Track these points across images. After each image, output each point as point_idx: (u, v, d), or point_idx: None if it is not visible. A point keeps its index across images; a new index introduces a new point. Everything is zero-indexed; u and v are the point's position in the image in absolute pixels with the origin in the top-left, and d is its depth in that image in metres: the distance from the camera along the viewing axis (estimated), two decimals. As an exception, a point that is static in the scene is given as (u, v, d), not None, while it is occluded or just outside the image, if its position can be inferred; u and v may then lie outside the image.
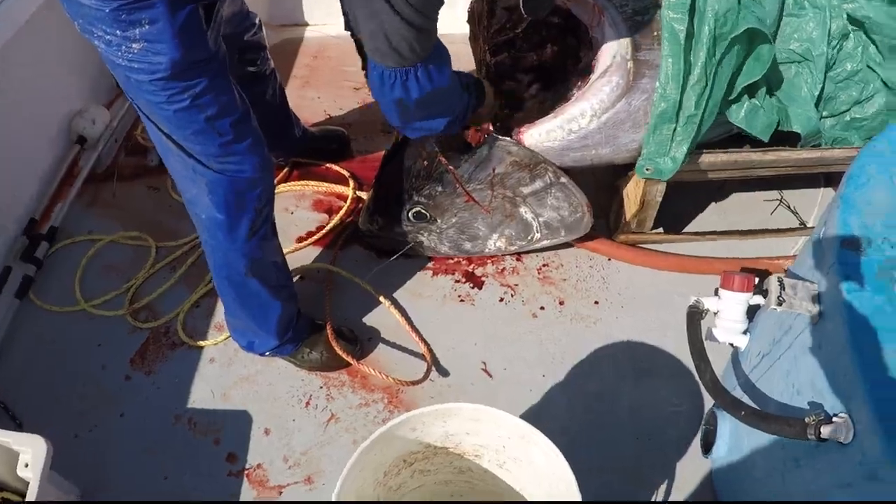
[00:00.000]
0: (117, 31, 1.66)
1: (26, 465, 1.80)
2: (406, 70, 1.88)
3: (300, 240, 2.83)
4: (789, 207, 2.92)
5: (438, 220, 2.56)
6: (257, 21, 2.58)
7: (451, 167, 2.45)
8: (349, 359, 2.36)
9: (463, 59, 2.84)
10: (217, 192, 1.95)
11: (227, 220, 2.01)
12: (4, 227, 2.77)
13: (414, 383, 2.37)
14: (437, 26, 1.85)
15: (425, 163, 2.51)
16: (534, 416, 2.29)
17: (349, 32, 2.01)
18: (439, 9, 1.80)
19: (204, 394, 2.41)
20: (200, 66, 1.77)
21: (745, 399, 1.76)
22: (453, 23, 1.78)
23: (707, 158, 2.41)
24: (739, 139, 2.51)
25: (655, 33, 2.24)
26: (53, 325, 2.62)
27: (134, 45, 1.68)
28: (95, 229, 2.91)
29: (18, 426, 2.28)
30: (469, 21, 2.84)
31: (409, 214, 2.56)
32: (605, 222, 2.76)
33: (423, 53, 1.85)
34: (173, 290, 2.70)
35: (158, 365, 2.49)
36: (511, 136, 2.41)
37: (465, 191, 2.46)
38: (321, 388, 2.42)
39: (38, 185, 2.97)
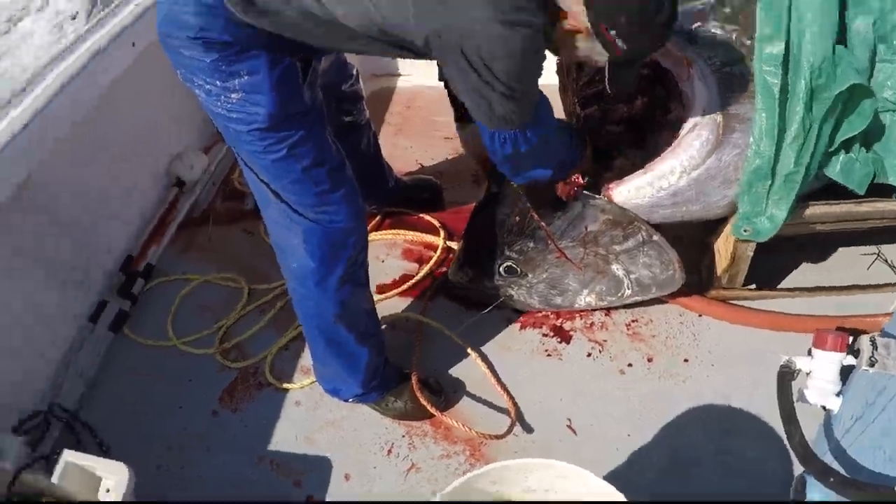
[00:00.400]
0: (217, 82, 1.80)
1: (108, 491, 1.91)
2: (514, 132, 1.95)
3: (389, 288, 2.92)
4: (887, 262, 2.85)
5: (529, 275, 2.60)
6: (354, 72, 2.69)
7: (543, 224, 2.49)
8: (433, 410, 2.39)
9: (553, 110, 2.92)
10: (311, 240, 2.05)
11: (319, 269, 2.10)
12: (103, 262, 2.97)
13: (497, 437, 2.38)
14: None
15: (517, 218, 2.56)
16: (619, 475, 2.28)
17: (442, 83, 2.11)
18: (538, 79, 1.87)
19: (288, 435, 2.50)
20: (297, 117, 1.89)
21: (837, 465, 1.73)
22: (544, 74, 1.86)
23: (802, 211, 2.37)
24: (827, 190, 2.47)
25: (746, 86, 2.26)
26: (146, 359, 2.78)
27: (233, 96, 1.81)
28: (190, 270, 3.08)
29: (104, 452, 2.40)
30: (558, 73, 2.90)
31: (500, 269, 2.60)
32: (697, 277, 2.75)
33: (527, 117, 1.92)
34: (263, 332, 2.82)
35: (245, 404, 2.60)
36: (600, 192, 2.44)
37: (557, 248, 2.50)
38: (403, 436, 2.47)
39: (136, 224, 3.17)
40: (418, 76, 3.92)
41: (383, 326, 2.54)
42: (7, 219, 2.45)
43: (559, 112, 2.93)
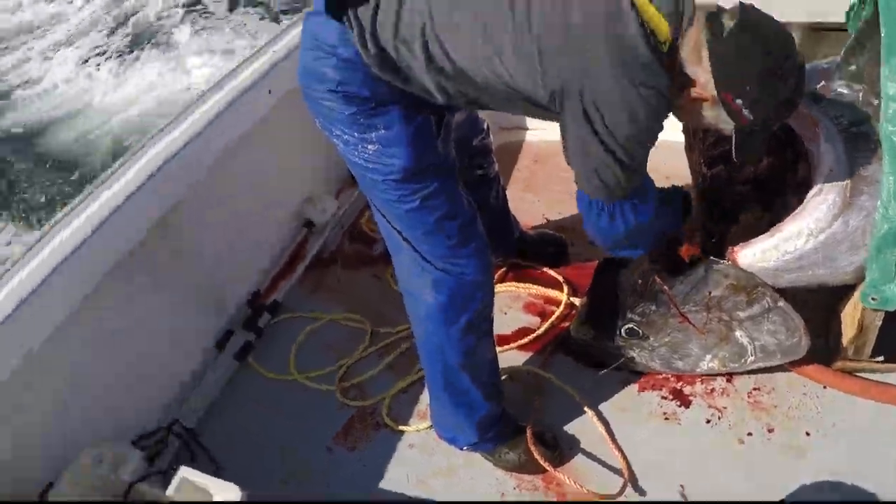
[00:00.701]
0: (355, 133, 1.94)
1: (219, 510, 2.03)
2: (613, 204, 2.00)
3: (510, 340, 2.96)
4: None
5: (651, 338, 2.60)
6: (485, 126, 2.79)
7: (666, 288, 2.51)
8: (546, 465, 2.42)
9: (679, 169, 2.97)
10: (441, 289, 2.15)
11: (446, 317, 2.19)
12: (232, 295, 3.17)
13: (608, 497, 2.40)
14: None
15: (640, 280, 2.57)
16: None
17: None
18: (649, 151, 1.92)
19: (401, 477, 2.58)
20: (431, 170, 2.00)
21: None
22: (671, 131, 1.90)
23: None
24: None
25: (874, 147, 2.21)
26: (266, 390, 2.94)
27: (370, 147, 1.94)
28: (316, 308, 3.23)
29: (218, 473, 2.51)
30: (685, 132, 2.92)
31: (622, 330, 2.61)
32: (825, 342, 2.67)
33: (630, 190, 1.98)
34: (383, 374, 2.92)
35: (361, 443, 2.70)
36: (724, 254, 2.44)
37: (680, 313, 2.50)
38: (514, 489, 2.50)
39: (266, 261, 3.38)
40: (547, 130, 3.95)
41: (503, 377, 2.59)
42: (152, 246, 2.66)
43: (684, 171, 2.98)
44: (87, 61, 12.60)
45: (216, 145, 2.84)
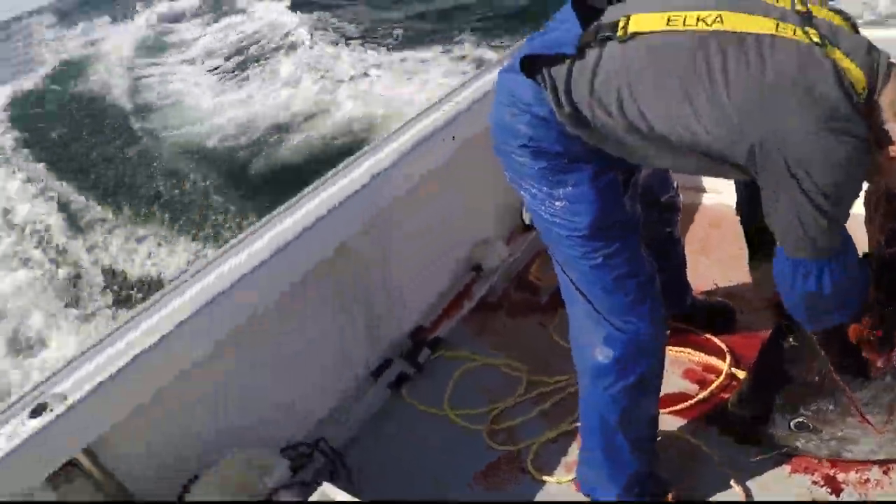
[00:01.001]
0: (543, 188, 2.00)
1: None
2: (820, 262, 1.91)
3: (665, 405, 2.87)
4: None
5: (822, 432, 2.50)
6: (675, 185, 2.79)
7: (851, 394, 2.37)
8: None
9: (859, 244, 2.84)
10: (611, 345, 2.16)
11: (614, 373, 2.20)
12: (397, 326, 3.31)
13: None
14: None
15: (816, 378, 2.45)
16: None
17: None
18: (854, 200, 1.87)
19: (538, 526, 2.58)
20: (616, 228, 2.03)
21: None
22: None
23: None
24: None
25: None
26: (415, 422, 3.03)
27: (557, 203, 2.00)
28: (476, 350, 3.30)
29: (357, 495, 2.63)
30: (865, 204, 2.80)
31: (792, 424, 2.51)
32: None
33: (835, 244, 1.90)
34: (534, 421, 2.93)
35: (501, 486, 2.72)
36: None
37: (863, 417, 2.38)
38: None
39: (433, 297, 3.51)
40: (723, 194, 3.91)
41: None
42: (328, 271, 2.84)
43: (862, 246, 2.86)
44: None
45: (400, 183, 3.00)
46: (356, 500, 2.18)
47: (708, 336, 3.15)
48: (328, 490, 2.19)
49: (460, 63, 12.15)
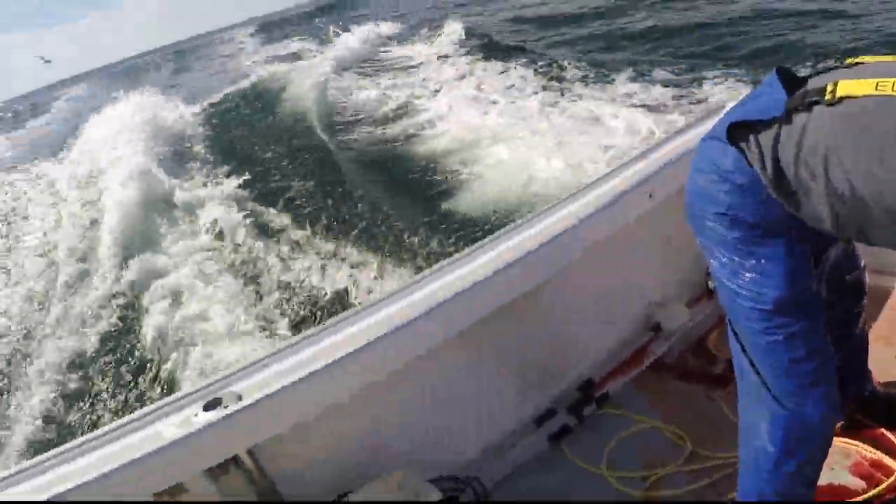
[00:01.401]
0: (734, 257, 2.00)
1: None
2: None
3: (826, 496, 2.76)
4: None
5: None
6: (863, 264, 2.66)
7: None
8: None
9: None
10: (778, 425, 2.10)
11: (776, 455, 2.14)
12: (565, 377, 3.33)
13: None
14: None
15: None
16: None
17: None
18: None
19: None
20: (802, 307, 1.99)
21: None
22: None
23: None
24: None
25: None
26: (571, 475, 3.00)
27: (746, 274, 1.99)
28: (642, 411, 3.25)
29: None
30: None
31: None
32: None
33: None
34: (692, 495, 2.84)
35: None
36: None
37: None
38: None
39: (605, 352, 3.49)
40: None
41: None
42: (510, 313, 2.87)
43: None
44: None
45: (590, 236, 3.02)
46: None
47: (884, 431, 2.97)
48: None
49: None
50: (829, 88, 1.82)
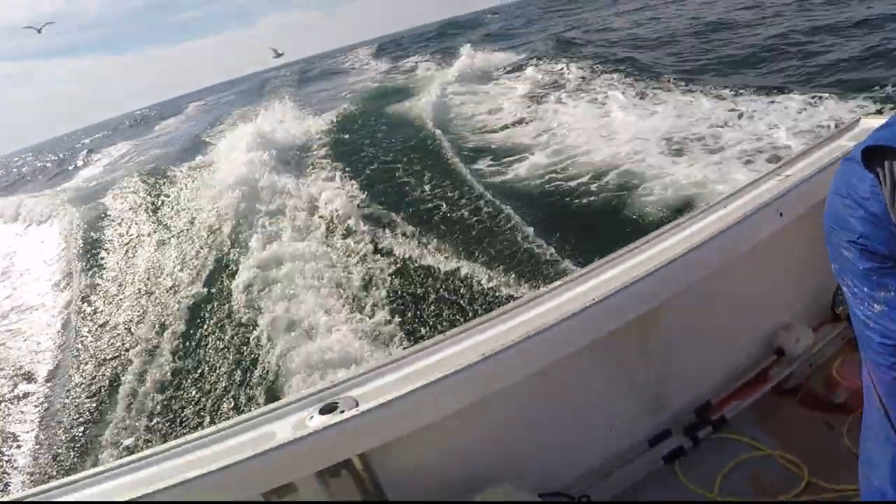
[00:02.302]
0: (864, 288, 1.93)
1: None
2: None
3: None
4: None
5: None
6: None
7: None
8: None
9: None
10: None
11: (894, 496, 2.04)
12: (682, 399, 3.27)
13: None
14: None
15: None
16: None
17: None
18: None
19: None
20: None
21: None
22: None
23: None
24: None
25: None
26: (681, 498, 2.95)
27: (876, 306, 1.92)
28: (759, 437, 3.18)
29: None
30: None
31: None
32: None
33: None
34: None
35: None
36: None
37: None
38: None
39: (726, 373, 3.43)
40: None
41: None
42: (631, 331, 2.89)
43: None
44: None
45: (717, 254, 2.98)
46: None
47: None
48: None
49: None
50: None
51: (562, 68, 21.42)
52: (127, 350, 9.82)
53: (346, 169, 15.28)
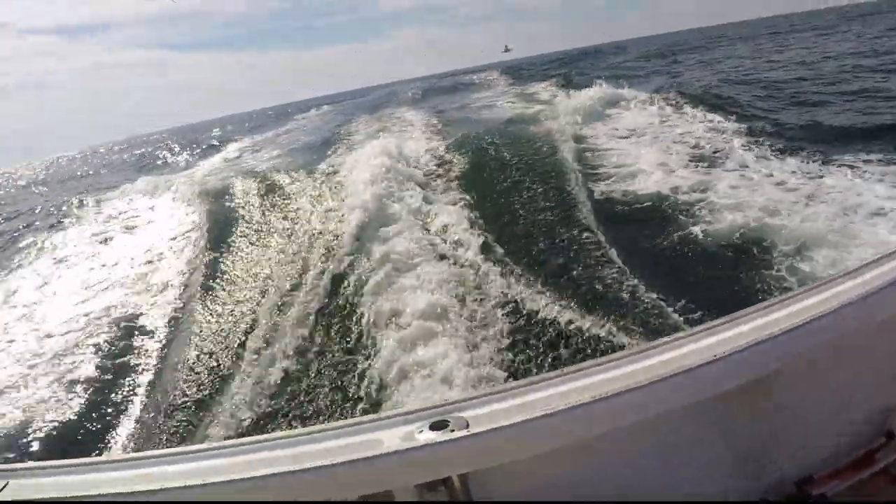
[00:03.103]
0: None
1: None
2: None
3: None
4: None
5: None
6: None
7: None
8: None
9: None
10: None
11: None
12: (785, 468, 3.23)
13: None
14: None
15: None
16: None
17: None
18: None
19: None
20: None
21: None
22: None
23: None
24: None
25: None
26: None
27: None
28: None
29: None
30: None
31: None
32: None
33: None
34: None
35: None
36: None
37: None
38: None
39: (831, 450, 3.36)
40: None
41: None
42: (739, 393, 2.85)
43: None
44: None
45: (841, 325, 2.91)
46: None
47: None
48: None
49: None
50: None
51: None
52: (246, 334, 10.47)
53: (472, 194, 15.42)
